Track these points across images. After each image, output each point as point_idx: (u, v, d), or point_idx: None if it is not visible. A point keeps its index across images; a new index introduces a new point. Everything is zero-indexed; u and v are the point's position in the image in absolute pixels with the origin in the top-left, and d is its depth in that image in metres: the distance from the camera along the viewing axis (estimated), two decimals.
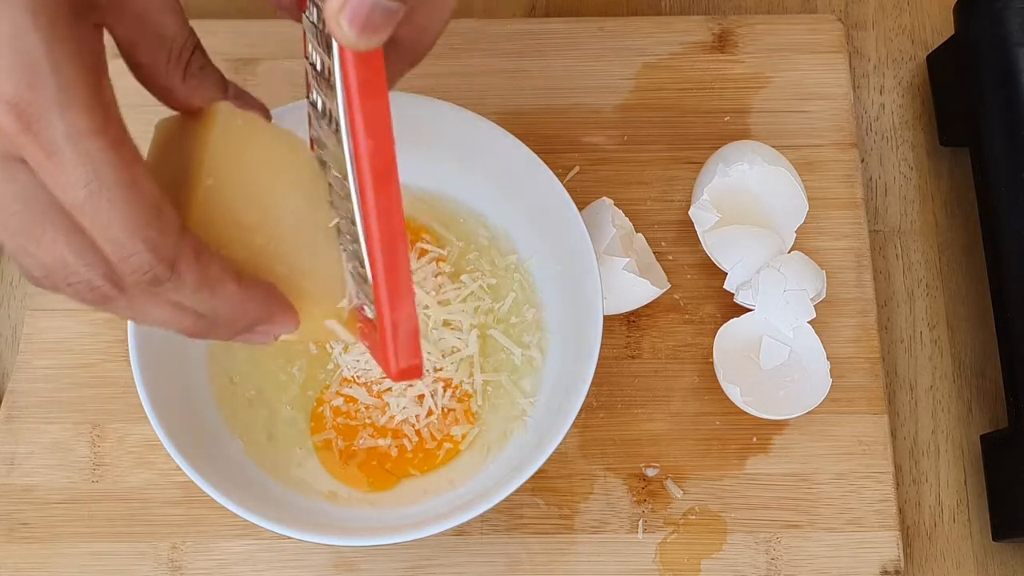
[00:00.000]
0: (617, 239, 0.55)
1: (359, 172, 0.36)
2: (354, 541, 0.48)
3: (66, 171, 0.31)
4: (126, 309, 0.35)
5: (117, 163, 0.31)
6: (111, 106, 0.32)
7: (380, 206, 0.36)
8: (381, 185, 0.35)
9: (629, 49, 0.63)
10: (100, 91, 0.32)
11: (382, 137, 0.35)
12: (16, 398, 0.56)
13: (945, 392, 0.59)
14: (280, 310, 0.38)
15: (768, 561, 0.53)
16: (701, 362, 0.57)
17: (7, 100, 0.30)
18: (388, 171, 0.35)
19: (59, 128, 0.31)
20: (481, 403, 0.53)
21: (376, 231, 0.36)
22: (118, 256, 0.33)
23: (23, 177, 0.32)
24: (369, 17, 0.32)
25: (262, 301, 0.37)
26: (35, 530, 0.54)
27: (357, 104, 0.34)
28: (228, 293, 0.35)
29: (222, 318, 0.36)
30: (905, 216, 0.62)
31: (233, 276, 0.36)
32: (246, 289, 0.36)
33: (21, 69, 0.30)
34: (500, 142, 0.53)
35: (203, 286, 0.35)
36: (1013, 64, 0.56)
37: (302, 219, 0.39)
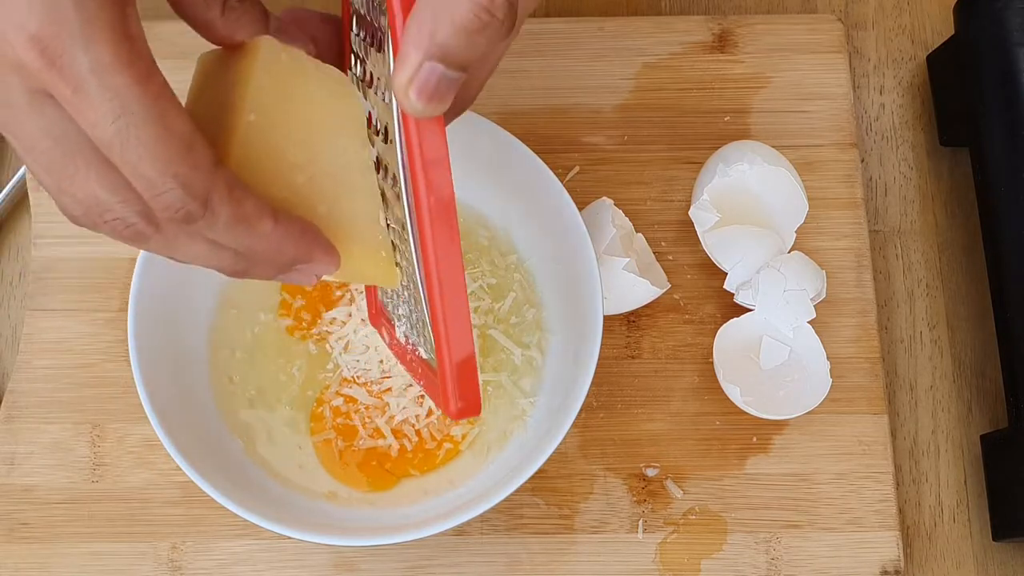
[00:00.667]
0: (617, 239, 0.55)
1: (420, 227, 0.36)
2: (354, 541, 0.48)
3: (93, 106, 0.31)
4: (163, 246, 0.35)
5: (144, 97, 0.31)
6: (137, 39, 0.32)
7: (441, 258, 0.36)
8: (443, 239, 0.36)
9: (629, 49, 0.63)
10: (126, 24, 0.31)
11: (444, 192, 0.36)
12: (16, 398, 0.56)
13: (945, 392, 0.59)
14: (320, 249, 0.37)
15: (768, 561, 0.53)
16: (701, 362, 0.57)
17: (31, 35, 0.30)
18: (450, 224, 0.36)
19: (83, 63, 0.30)
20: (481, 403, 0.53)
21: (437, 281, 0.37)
22: (149, 193, 0.32)
23: (52, 112, 0.32)
24: (436, 89, 0.33)
25: (300, 239, 0.37)
26: (35, 530, 0.54)
27: (421, 167, 0.35)
28: (264, 231, 0.35)
29: (259, 256, 0.36)
30: (905, 216, 0.62)
31: (270, 213, 0.35)
32: (283, 227, 0.36)
33: (43, 3, 0.30)
34: (500, 142, 0.53)
35: (238, 223, 0.34)
36: (1013, 64, 0.56)
37: (344, 158, 0.39)
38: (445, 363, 0.38)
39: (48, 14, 0.30)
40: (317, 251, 0.37)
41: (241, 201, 0.34)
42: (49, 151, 0.32)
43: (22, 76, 0.31)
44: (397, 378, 0.52)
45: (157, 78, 0.32)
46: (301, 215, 0.37)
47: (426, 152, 0.35)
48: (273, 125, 0.36)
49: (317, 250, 0.37)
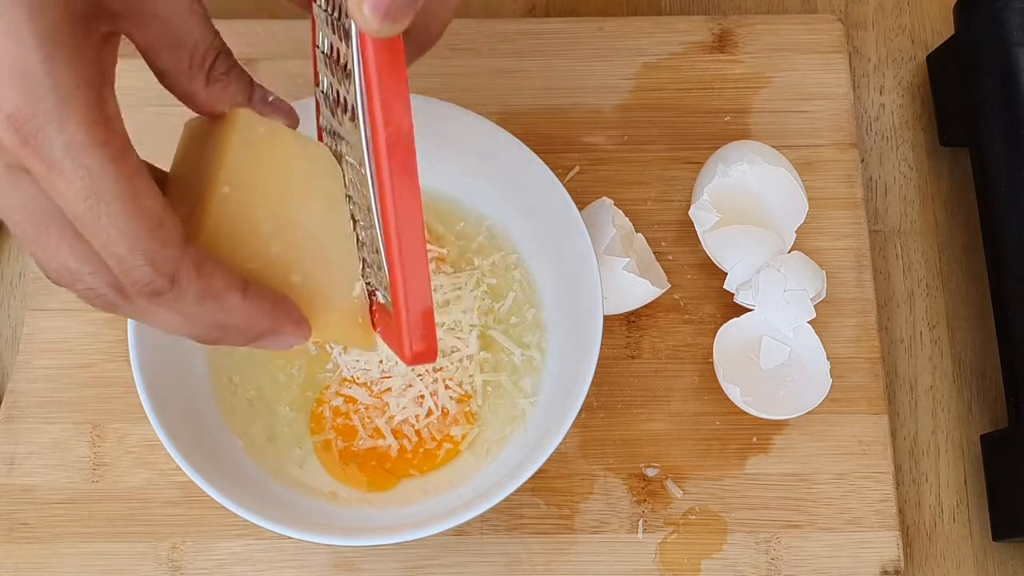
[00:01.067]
0: (617, 239, 0.55)
1: (377, 159, 0.36)
2: (354, 541, 0.48)
3: (65, 183, 0.31)
4: (135, 314, 0.36)
5: (117, 176, 0.31)
6: (113, 119, 0.32)
7: (398, 191, 0.36)
8: (400, 173, 0.35)
9: (629, 49, 0.63)
10: (102, 103, 0.32)
11: (402, 122, 0.35)
12: (16, 398, 0.56)
13: (945, 392, 0.59)
14: (290, 322, 0.38)
15: (768, 561, 0.53)
16: (701, 362, 0.57)
17: (7, 115, 0.31)
18: (407, 157, 0.36)
19: (57, 142, 0.31)
20: (481, 403, 0.53)
21: (393, 215, 0.36)
22: (119, 268, 0.33)
23: (27, 187, 0.33)
24: (391, 4, 0.32)
25: (270, 313, 0.37)
26: (35, 530, 0.54)
27: (377, 91, 0.34)
28: (233, 305, 0.36)
29: (228, 328, 0.36)
30: (905, 216, 0.62)
31: (238, 288, 0.36)
32: (252, 301, 0.36)
33: (19, 83, 0.30)
34: (500, 142, 0.53)
35: (206, 298, 0.35)
36: (1013, 64, 0.56)
37: (319, 227, 0.39)
38: (401, 306, 0.37)
39: (25, 94, 0.30)
40: (288, 324, 0.38)
41: (210, 277, 0.35)
42: (24, 222, 0.33)
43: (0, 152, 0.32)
44: (397, 378, 0.52)
45: (130, 157, 0.32)
46: (274, 285, 0.38)
47: (383, 77, 0.34)
48: (247, 197, 0.37)
49: (288, 323, 0.38)
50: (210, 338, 0.37)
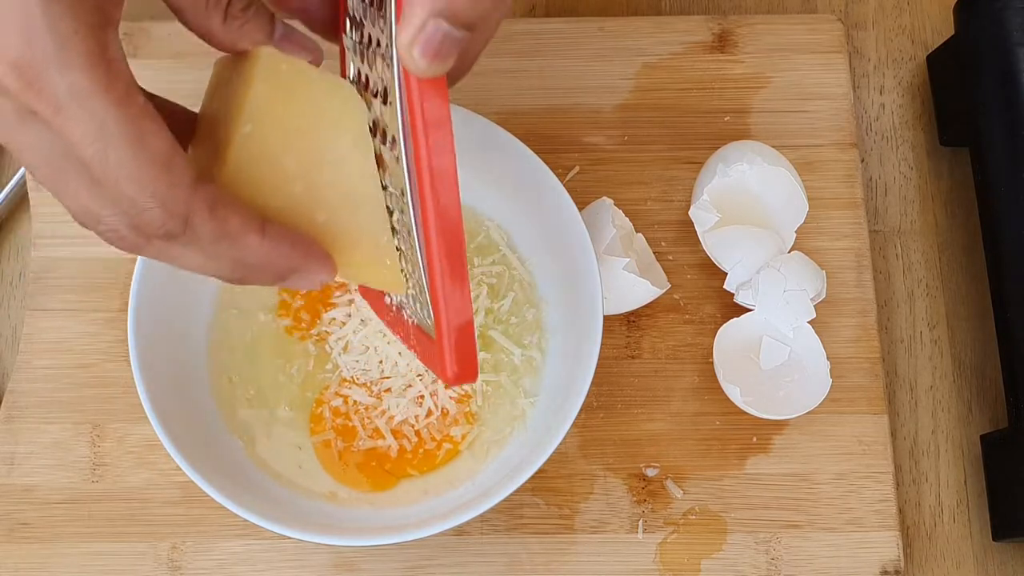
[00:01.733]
0: (617, 239, 0.55)
1: (422, 198, 0.36)
2: (354, 541, 0.48)
3: (73, 127, 0.31)
4: (158, 255, 0.36)
5: (122, 119, 0.32)
6: (115, 62, 0.32)
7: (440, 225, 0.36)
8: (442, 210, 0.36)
9: (629, 49, 0.63)
10: (104, 48, 0.32)
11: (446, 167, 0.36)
12: (16, 398, 0.56)
13: (945, 392, 0.59)
14: (314, 260, 0.38)
15: (768, 561, 0.53)
16: (701, 362, 0.57)
17: (10, 61, 0.31)
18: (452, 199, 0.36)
19: (61, 86, 0.31)
20: (481, 403, 0.53)
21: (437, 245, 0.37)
22: (131, 211, 0.33)
23: (40, 130, 0.32)
24: (440, 47, 0.33)
25: (291, 252, 0.37)
26: (35, 530, 0.54)
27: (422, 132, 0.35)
28: (250, 245, 0.36)
29: (252, 267, 0.36)
30: (905, 216, 0.62)
31: (256, 228, 0.36)
32: (271, 240, 0.36)
33: (20, 29, 0.31)
34: (500, 142, 0.53)
35: (221, 239, 0.35)
36: (1013, 64, 0.56)
37: (345, 167, 0.39)
38: (443, 328, 0.38)
39: (25, 41, 0.31)
40: (311, 261, 0.38)
41: (224, 219, 0.35)
42: (42, 166, 0.33)
43: (9, 98, 0.32)
44: (397, 378, 0.52)
45: (136, 99, 0.32)
46: (299, 223, 0.38)
47: (428, 113, 0.35)
48: (269, 136, 0.37)
49: (311, 260, 0.38)
50: (235, 277, 0.37)
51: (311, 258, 0.38)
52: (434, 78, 0.35)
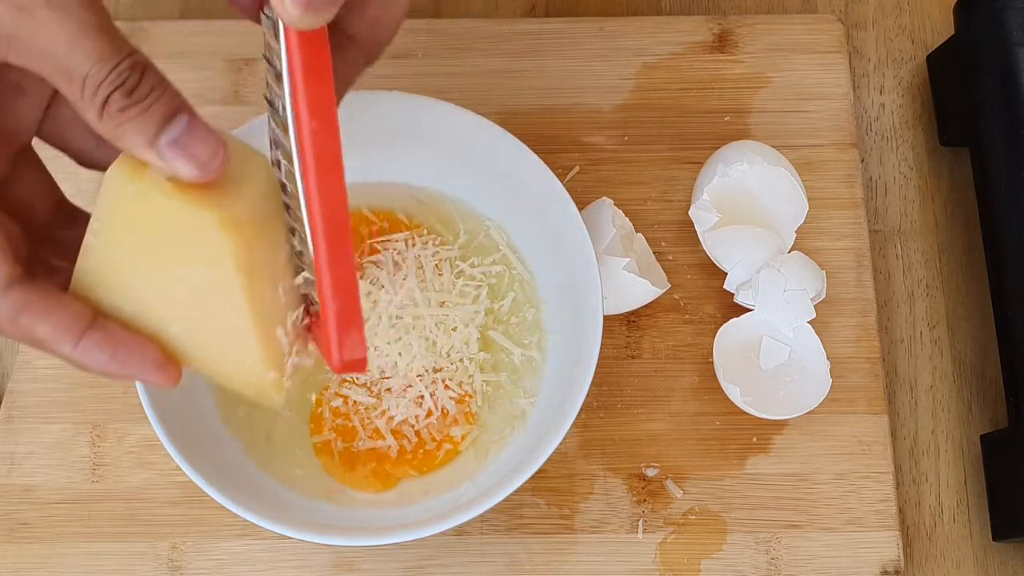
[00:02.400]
0: (617, 239, 0.55)
1: (303, 156, 0.35)
2: (354, 541, 0.48)
3: None
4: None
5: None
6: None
7: (323, 190, 0.35)
8: (325, 168, 0.35)
9: (629, 49, 0.63)
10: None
11: (326, 119, 0.34)
12: (16, 398, 0.56)
13: (945, 392, 0.59)
14: (144, 370, 0.38)
15: (768, 561, 0.53)
16: (701, 362, 0.57)
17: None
18: (333, 155, 0.35)
19: None
20: (480, 404, 0.53)
21: (319, 216, 0.35)
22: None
23: None
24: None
25: (109, 361, 0.37)
26: (35, 530, 0.54)
27: (301, 84, 0.34)
28: (62, 353, 0.36)
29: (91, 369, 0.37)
30: (905, 216, 0.62)
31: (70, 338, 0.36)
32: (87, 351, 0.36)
33: None
34: (500, 142, 0.53)
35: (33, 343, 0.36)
36: (1013, 64, 0.56)
37: (207, 288, 0.37)
38: (328, 310, 0.37)
39: None
40: (141, 372, 0.38)
41: (30, 327, 0.35)
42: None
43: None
44: (396, 379, 0.52)
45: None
46: (151, 330, 0.38)
47: (306, 66, 0.34)
48: (117, 243, 0.37)
49: (141, 371, 0.38)
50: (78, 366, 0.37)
51: (142, 369, 0.37)
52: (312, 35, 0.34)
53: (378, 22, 0.38)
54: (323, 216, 0.35)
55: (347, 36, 0.38)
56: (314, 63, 0.34)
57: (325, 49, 0.34)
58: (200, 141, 0.34)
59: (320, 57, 0.34)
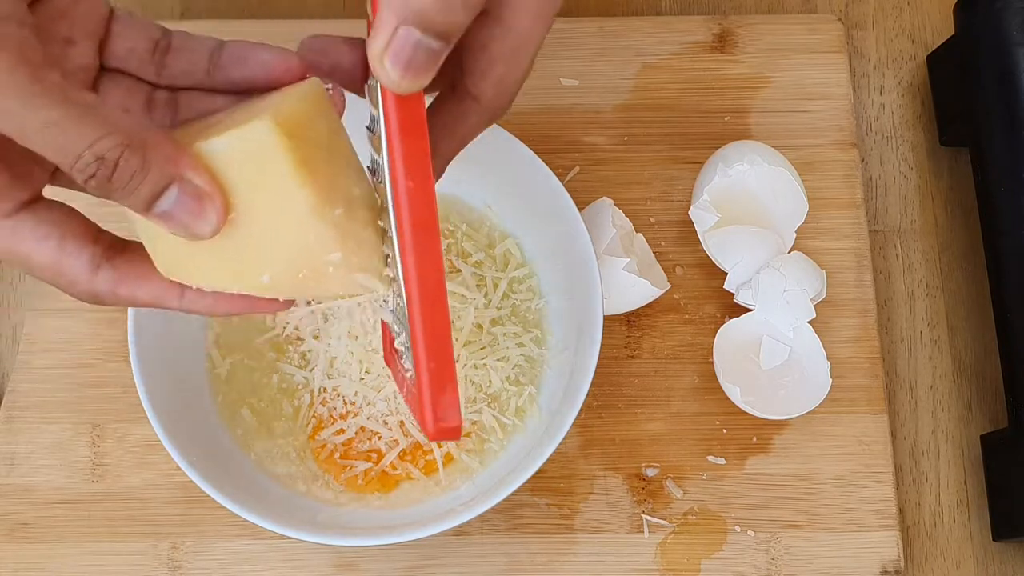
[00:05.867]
0: (617, 239, 0.55)
1: (399, 218, 0.35)
2: (354, 541, 0.48)
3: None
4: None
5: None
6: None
7: (418, 252, 0.35)
8: (420, 229, 0.34)
9: (629, 49, 0.63)
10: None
11: (421, 180, 0.34)
12: (16, 398, 0.56)
13: (945, 392, 0.59)
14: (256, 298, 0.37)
15: (768, 561, 0.53)
16: (701, 362, 0.57)
17: None
18: (428, 216, 0.34)
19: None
20: (481, 405, 0.53)
21: (414, 279, 0.35)
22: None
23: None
24: (412, 57, 0.32)
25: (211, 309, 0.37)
26: (35, 530, 0.54)
27: (397, 145, 0.34)
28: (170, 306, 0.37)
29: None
30: (905, 216, 0.62)
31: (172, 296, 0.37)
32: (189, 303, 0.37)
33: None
34: (500, 142, 0.53)
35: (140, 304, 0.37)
36: (1013, 64, 0.56)
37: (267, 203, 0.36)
38: (422, 373, 0.36)
39: None
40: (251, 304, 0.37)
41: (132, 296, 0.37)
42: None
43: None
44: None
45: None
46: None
47: (403, 127, 0.34)
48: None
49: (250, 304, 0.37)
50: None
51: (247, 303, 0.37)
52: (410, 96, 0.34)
53: (502, 84, 0.38)
54: (418, 279, 0.35)
55: (472, 96, 0.38)
56: (411, 123, 0.34)
57: (422, 109, 0.34)
58: (189, 212, 0.34)
59: (417, 117, 0.34)
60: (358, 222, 0.36)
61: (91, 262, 0.36)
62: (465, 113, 0.39)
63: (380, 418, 0.52)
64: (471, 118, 0.39)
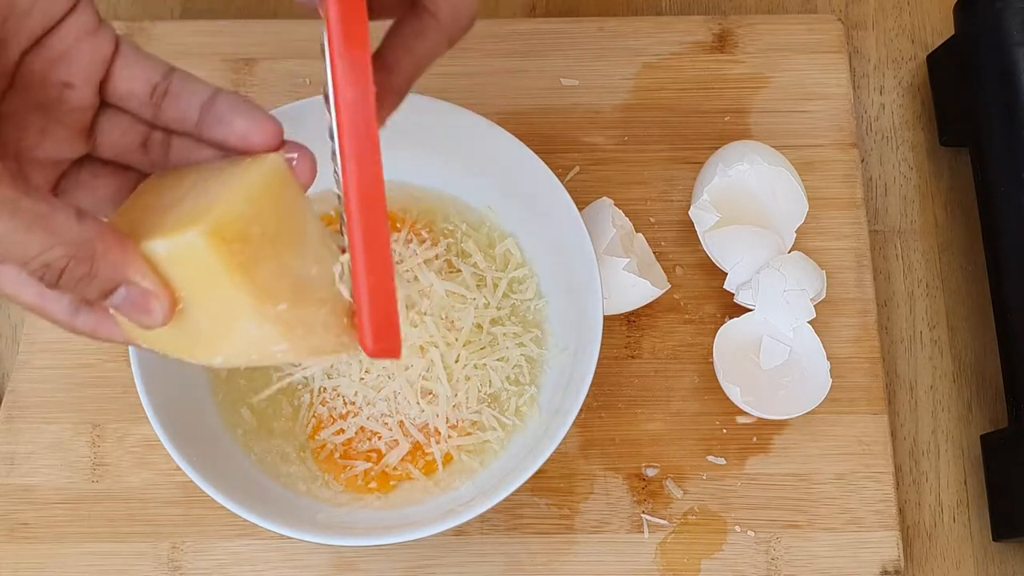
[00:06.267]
0: (617, 239, 0.55)
1: (340, 134, 0.35)
2: (354, 541, 0.48)
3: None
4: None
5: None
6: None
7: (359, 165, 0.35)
8: (359, 142, 0.34)
9: (629, 49, 0.63)
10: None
11: (362, 90, 0.34)
12: (16, 398, 0.56)
13: (945, 392, 0.59)
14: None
15: (768, 561, 0.53)
16: (701, 362, 0.57)
17: None
18: (367, 130, 0.34)
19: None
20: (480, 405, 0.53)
21: (354, 193, 0.35)
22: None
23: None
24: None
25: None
26: (35, 530, 0.54)
27: (340, 53, 0.34)
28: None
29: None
30: (905, 216, 0.62)
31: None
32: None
33: None
34: (500, 142, 0.53)
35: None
36: (1013, 64, 0.56)
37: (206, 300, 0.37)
38: (361, 290, 0.35)
39: None
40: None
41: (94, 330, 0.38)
42: None
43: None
44: (396, 379, 0.52)
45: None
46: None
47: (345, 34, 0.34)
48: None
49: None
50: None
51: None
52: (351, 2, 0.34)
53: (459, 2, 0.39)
54: (358, 193, 0.35)
55: (429, 13, 0.38)
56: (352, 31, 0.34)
57: (363, 16, 0.34)
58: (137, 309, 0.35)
59: (358, 25, 0.34)
60: (309, 306, 0.36)
61: (70, 307, 0.37)
62: (423, 30, 0.39)
63: (380, 418, 0.52)
64: (430, 35, 0.39)
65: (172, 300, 0.35)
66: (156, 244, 0.35)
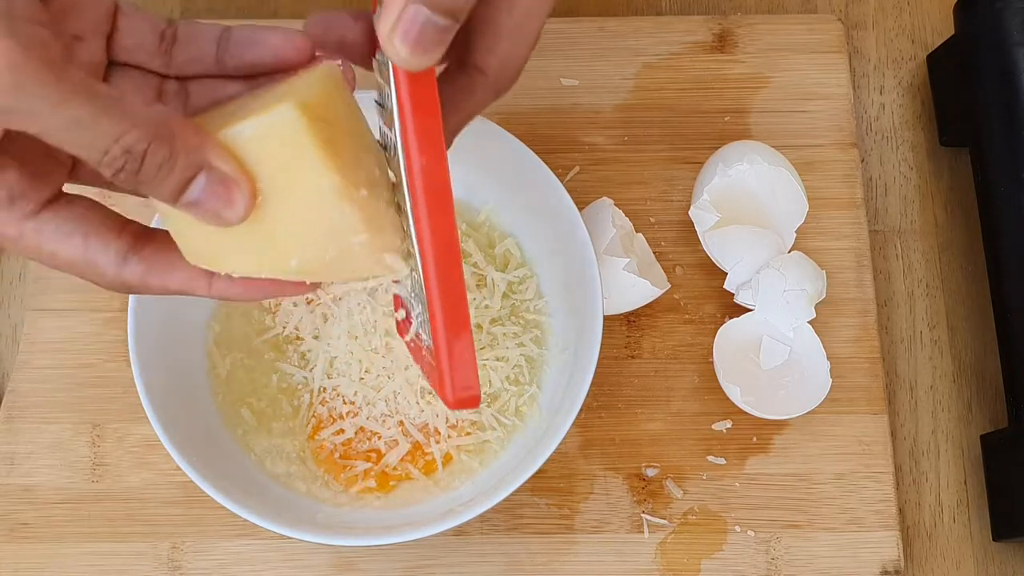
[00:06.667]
0: (617, 239, 0.55)
1: (413, 193, 0.35)
2: (354, 541, 0.48)
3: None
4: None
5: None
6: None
7: (434, 225, 0.35)
8: (435, 203, 0.35)
9: (629, 49, 0.63)
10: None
11: (435, 156, 0.35)
12: (16, 398, 0.56)
13: (945, 392, 0.59)
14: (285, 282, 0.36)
15: (768, 561, 0.53)
16: (701, 362, 0.57)
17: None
18: (442, 192, 0.35)
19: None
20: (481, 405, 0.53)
21: (430, 251, 0.35)
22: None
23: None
24: (421, 34, 0.33)
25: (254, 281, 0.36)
26: (35, 530, 0.54)
27: (410, 122, 0.34)
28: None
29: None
30: (905, 216, 0.62)
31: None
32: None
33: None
34: (500, 142, 0.53)
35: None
36: (1013, 64, 0.56)
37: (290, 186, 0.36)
38: (440, 344, 0.36)
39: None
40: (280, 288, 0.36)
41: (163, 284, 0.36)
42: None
43: None
44: (396, 379, 0.52)
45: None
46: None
47: (415, 104, 0.34)
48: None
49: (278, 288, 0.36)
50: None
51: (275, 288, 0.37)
52: (420, 73, 0.34)
53: (508, 59, 0.39)
54: (434, 251, 0.35)
55: (478, 71, 0.38)
56: (423, 100, 0.34)
57: (433, 87, 0.35)
58: (218, 200, 0.34)
59: (428, 94, 0.34)
60: (381, 202, 0.36)
61: (118, 255, 0.36)
62: (472, 88, 0.39)
63: (380, 418, 0.52)
64: (477, 93, 0.39)
65: (252, 190, 0.34)
66: (241, 127, 0.34)
